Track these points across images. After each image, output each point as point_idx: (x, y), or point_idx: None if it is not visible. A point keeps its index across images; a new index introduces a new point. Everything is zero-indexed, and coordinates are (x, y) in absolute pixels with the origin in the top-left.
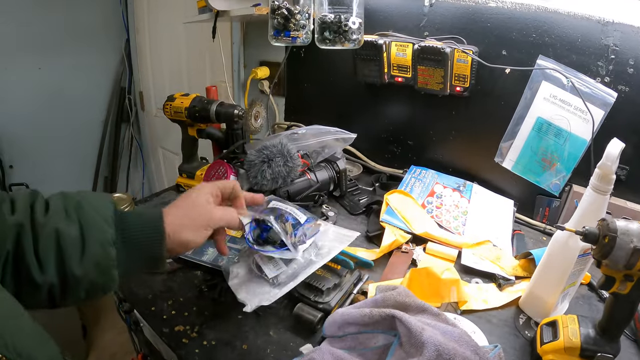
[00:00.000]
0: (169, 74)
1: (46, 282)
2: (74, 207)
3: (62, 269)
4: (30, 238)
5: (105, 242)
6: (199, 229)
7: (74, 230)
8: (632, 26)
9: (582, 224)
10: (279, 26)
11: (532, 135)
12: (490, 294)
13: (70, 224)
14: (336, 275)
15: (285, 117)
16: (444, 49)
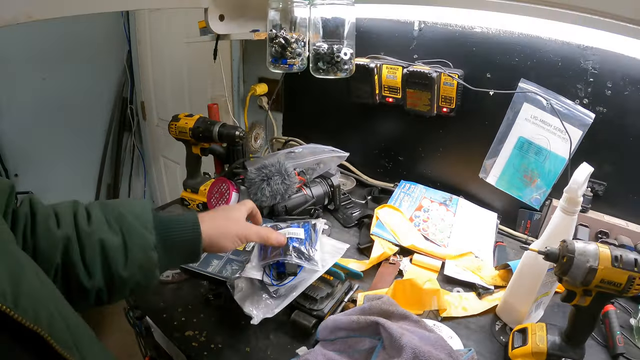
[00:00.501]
0: (171, 85)
1: (94, 287)
2: (115, 217)
3: (109, 274)
4: (78, 249)
5: (147, 248)
6: (234, 239)
7: (117, 239)
8: (610, 51)
9: (551, 241)
10: (276, 54)
11: (514, 153)
12: (470, 302)
13: (113, 233)
14: (329, 285)
15: (283, 132)
16: (431, 73)
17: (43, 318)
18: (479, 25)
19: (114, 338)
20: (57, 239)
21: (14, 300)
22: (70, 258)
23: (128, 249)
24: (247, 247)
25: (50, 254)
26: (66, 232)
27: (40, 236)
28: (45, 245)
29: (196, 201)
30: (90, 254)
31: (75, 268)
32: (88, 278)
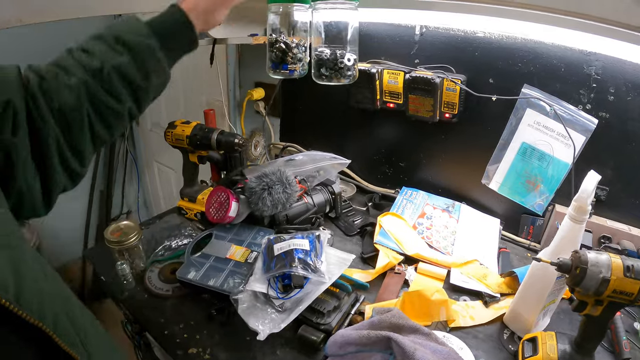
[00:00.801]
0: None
1: (125, 108)
2: (114, 41)
3: (132, 91)
4: (99, 85)
5: (154, 52)
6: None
7: (126, 58)
8: (612, 57)
9: (560, 250)
10: (276, 59)
11: (517, 159)
12: (477, 310)
13: (120, 55)
14: (335, 297)
15: (281, 138)
16: (434, 79)
17: (48, 313)
18: (482, 30)
19: None
20: (76, 88)
21: (17, 295)
22: (95, 97)
23: (139, 61)
24: (249, 259)
25: (77, 105)
26: (80, 77)
27: (62, 96)
28: (70, 100)
29: (194, 210)
30: (112, 84)
31: (103, 104)
32: (119, 104)
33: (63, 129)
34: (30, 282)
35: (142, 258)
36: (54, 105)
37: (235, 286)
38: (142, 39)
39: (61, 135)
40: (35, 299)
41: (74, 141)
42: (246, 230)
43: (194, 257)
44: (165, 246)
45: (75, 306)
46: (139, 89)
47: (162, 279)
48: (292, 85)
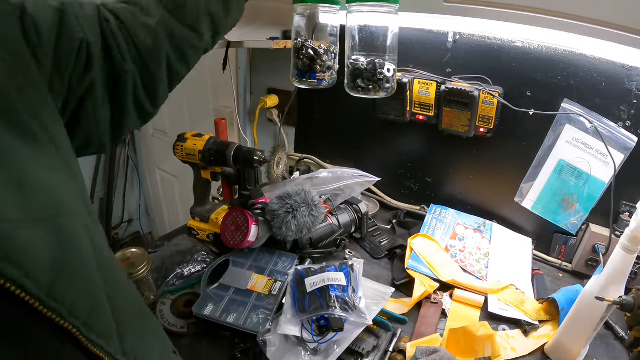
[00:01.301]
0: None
1: (204, 43)
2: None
3: (213, 24)
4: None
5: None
6: None
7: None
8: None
9: (610, 282)
10: (303, 67)
11: (554, 177)
12: (517, 341)
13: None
14: (374, 336)
15: (296, 149)
16: (473, 92)
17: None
18: (520, 40)
19: None
20: (156, 29)
21: (49, 288)
22: (175, 35)
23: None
24: (273, 290)
25: (156, 46)
26: (159, 16)
27: (140, 38)
28: (148, 41)
29: (206, 231)
30: (195, 17)
31: (183, 40)
32: (199, 38)
33: (141, 69)
34: (70, 269)
35: (153, 290)
36: (132, 47)
37: (260, 322)
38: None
39: (138, 74)
40: (70, 291)
41: (151, 81)
42: (266, 255)
43: (211, 289)
44: (177, 274)
45: (121, 283)
46: (219, 22)
47: (176, 314)
48: (309, 92)
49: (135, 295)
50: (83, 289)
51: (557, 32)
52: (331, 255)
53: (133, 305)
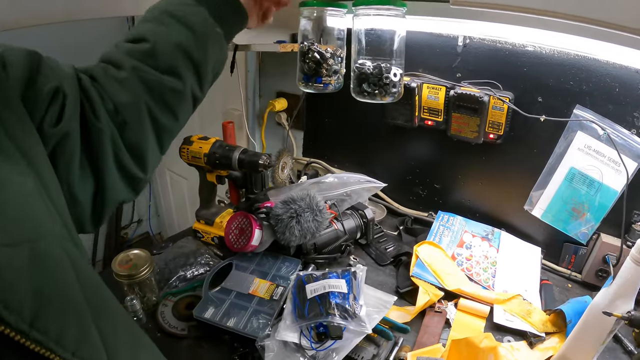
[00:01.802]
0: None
1: (187, 86)
2: (161, 16)
3: (192, 64)
4: (151, 68)
5: (205, 19)
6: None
7: (175, 28)
8: None
9: (620, 294)
10: (309, 71)
11: (564, 184)
12: (522, 353)
13: (169, 26)
14: (374, 344)
15: (304, 152)
16: (482, 97)
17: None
18: (532, 44)
19: None
20: (128, 80)
21: (32, 319)
22: (150, 82)
23: (190, 28)
24: (275, 295)
25: (133, 99)
26: (130, 66)
27: (114, 93)
28: (123, 96)
29: (211, 234)
30: (166, 60)
31: (160, 86)
32: (178, 80)
33: (120, 126)
34: (58, 295)
35: (155, 291)
36: (108, 103)
37: (260, 327)
38: (188, 7)
39: (118, 134)
40: (56, 320)
41: (134, 140)
42: (269, 259)
43: (213, 293)
44: (180, 276)
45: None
46: (198, 61)
47: (177, 316)
48: (318, 96)
49: (125, 315)
50: (69, 315)
51: (569, 36)
52: (335, 260)
53: (123, 326)
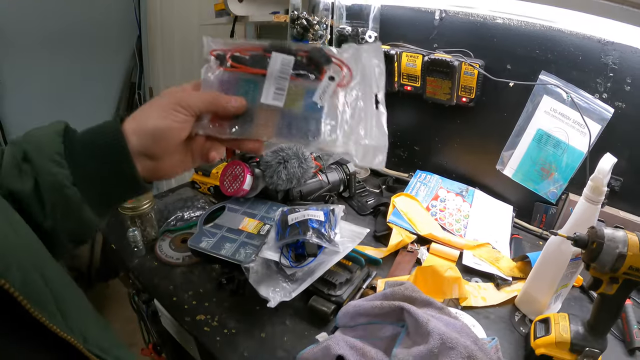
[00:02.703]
0: (180, 70)
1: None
2: (22, 156)
3: (35, 228)
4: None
5: (61, 185)
6: (166, 111)
7: (28, 185)
8: (630, 47)
9: (574, 231)
10: (297, 35)
11: (532, 145)
12: (489, 292)
13: (23, 179)
14: (347, 270)
15: None
16: (452, 62)
17: (14, 272)
18: (501, 17)
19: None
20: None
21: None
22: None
23: (41, 192)
24: (262, 231)
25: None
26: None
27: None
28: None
29: (207, 184)
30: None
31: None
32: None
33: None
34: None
35: (154, 227)
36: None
37: (247, 257)
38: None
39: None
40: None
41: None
42: (259, 204)
43: (206, 227)
44: (178, 217)
45: (52, 266)
46: (44, 230)
47: (173, 248)
48: None
49: (69, 282)
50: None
51: (536, 5)
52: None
53: (71, 291)
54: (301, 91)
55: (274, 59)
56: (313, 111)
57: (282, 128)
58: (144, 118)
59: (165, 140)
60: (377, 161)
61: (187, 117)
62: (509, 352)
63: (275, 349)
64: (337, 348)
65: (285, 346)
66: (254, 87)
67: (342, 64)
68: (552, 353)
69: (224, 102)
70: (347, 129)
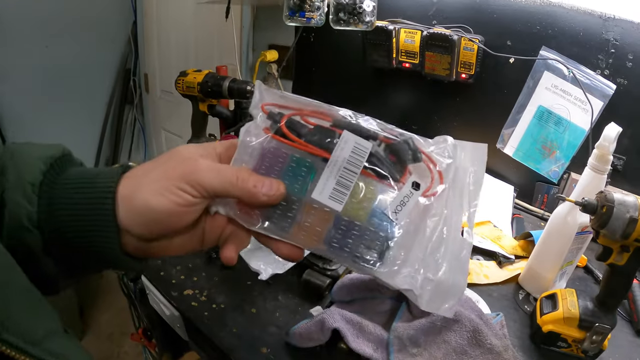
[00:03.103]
0: (176, 56)
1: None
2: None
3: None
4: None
5: (19, 227)
6: (166, 187)
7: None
8: (632, 22)
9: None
10: (294, 6)
11: (533, 123)
12: (491, 270)
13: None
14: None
15: None
16: (452, 36)
17: None
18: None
19: (107, 316)
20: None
21: None
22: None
23: (3, 214)
24: None
25: None
26: None
27: None
28: None
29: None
30: None
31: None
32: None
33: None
34: None
35: None
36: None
37: None
38: (15, 191)
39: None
40: None
41: None
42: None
43: None
44: None
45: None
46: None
47: None
48: (307, 47)
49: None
50: None
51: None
52: None
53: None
54: (371, 195)
55: (344, 140)
56: (380, 228)
57: (331, 240)
58: (136, 186)
59: (159, 225)
60: (446, 307)
61: (196, 199)
62: (513, 330)
63: (266, 325)
64: (332, 321)
65: (277, 322)
66: (307, 172)
67: (431, 163)
68: (560, 330)
69: (251, 187)
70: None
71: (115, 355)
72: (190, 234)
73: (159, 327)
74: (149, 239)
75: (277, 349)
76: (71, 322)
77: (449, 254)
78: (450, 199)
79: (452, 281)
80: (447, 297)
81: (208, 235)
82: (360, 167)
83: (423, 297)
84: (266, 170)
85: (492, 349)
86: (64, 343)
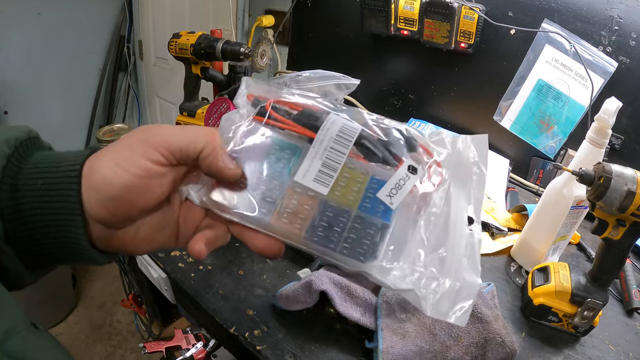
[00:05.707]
0: (170, 22)
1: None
2: None
3: None
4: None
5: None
6: (128, 156)
7: None
8: (637, 0)
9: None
10: None
11: (532, 96)
12: (484, 241)
13: None
14: None
15: (288, 67)
16: (452, 3)
17: None
18: None
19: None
20: None
21: None
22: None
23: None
24: None
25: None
26: None
27: None
28: None
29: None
30: None
31: None
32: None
33: None
34: None
35: None
36: None
37: None
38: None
39: None
40: None
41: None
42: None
43: None
44: None
45: None
46: None
47: None
48: (303, 13)
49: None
50: None
51: None
52: None
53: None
54: (361, 178)
55: (330, 121)
56: (373, 214)
57: (316, 230)
58: (96, 161)
59: (118, 203)
60: (457, 313)
61: (158, 168)
62: (504, 302)
63: (253, 287)
64: (319, 284)
65: (264, 284)
66: (291, 154)
67: (427, 151)
68: (551, 303)
69: (219, 148)
70: (421, 254)
71: (107, 324)
72: (162, 224)
73: (148, 292)
74: (111, 223)
75: (262, 311)
76: (64, 292)
77: (455, 248)
78: (453, 189)
79: (461, 279)
80: (458, 298)
81: (183, 229)
82: (348, 147)
83: (427, 299)
84: (246, 153)
85: (482, 318)
86: (29, 342)
